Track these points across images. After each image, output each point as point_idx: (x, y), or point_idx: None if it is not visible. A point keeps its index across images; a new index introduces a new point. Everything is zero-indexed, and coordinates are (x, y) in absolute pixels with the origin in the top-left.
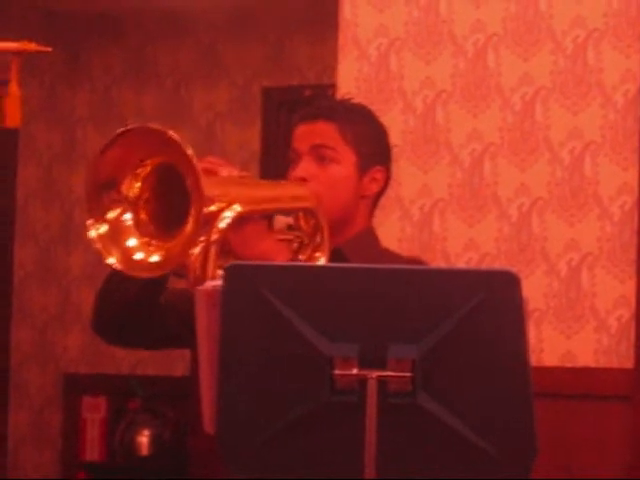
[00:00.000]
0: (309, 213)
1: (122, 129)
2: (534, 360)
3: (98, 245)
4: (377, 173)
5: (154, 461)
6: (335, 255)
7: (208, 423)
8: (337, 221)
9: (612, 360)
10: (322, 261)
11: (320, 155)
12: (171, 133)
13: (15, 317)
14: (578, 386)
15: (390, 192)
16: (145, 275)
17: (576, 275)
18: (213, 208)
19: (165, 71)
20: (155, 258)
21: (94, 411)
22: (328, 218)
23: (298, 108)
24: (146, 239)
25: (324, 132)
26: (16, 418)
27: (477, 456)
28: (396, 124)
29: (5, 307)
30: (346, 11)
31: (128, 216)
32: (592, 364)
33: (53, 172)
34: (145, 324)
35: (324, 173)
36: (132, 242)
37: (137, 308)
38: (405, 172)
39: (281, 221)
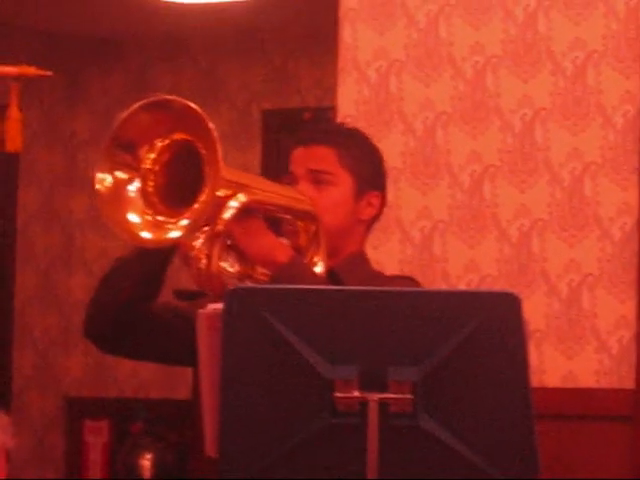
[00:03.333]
0: (309, 218)
1: (158, 97)
2: (535, 381)
3: (102, 207)
4: (373, 198)
5: None
6: (329, 276)
7: (210, 446)
8: (332, 243)
9: (613, 381)
10: (321, 266)
11: (317, 179)
12: (196, 107)
13: (16, 340)
14: (579, 407)
15: (390, 214)
16: (144, 246)
17: (577, 296)
18: (220, 194)
19: (164, 93)
20: (156, 232)
21: (96, 435)
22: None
23: (297, 131)
24: (149, 211)
25: (321, 156)
26: (18, 442)
27: (479, 478)
28: (396, 146)
29: (6, 330)
30: (346, 34)
31: (135, 185)
32: (593, 385)
33: (54, 195)
34: (137, 331)
35: (321, 196)
36: (135, 212)
37: (130, 312)
38: (405, 194)
39: None
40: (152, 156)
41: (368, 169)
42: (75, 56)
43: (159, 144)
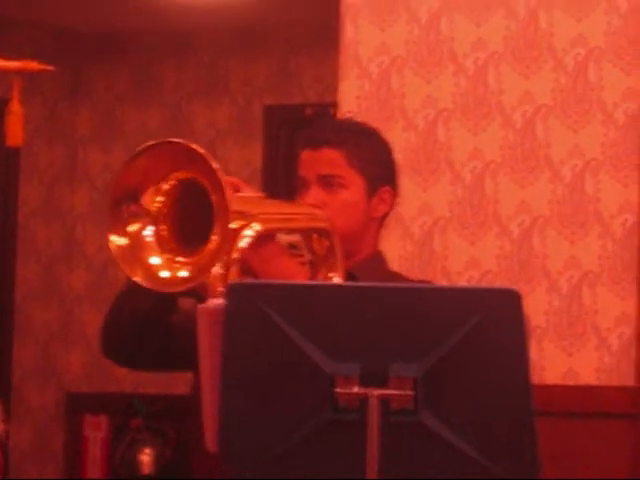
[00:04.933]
0: (324, 234)
1: (150, 143)
2: (535, 378)
3: (121, 263)
4: (385, 194)
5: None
6: (347, 278)
7: (210, 441)
8: (348, 245)
9: (613, 378)
10: (337, 281)
11: (328, 183)
12: (197, 147)
13: (17, 335)
14: (580, 404)
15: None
16: (167, 291)
17: (577, 293)
18: (234, 225)
19: (167, 89)
20: (178, 274)
21: (96, 429)
22: (341, 247)
23: (300, 127)
24: (167, 255)
25: (330, 160)
26: (18, 436)
27: (480, 474)
28: (397, 142)
29: (7, 325)
30: (347, 30)
31: (149, 231)
32: (594, 382)
33: (55, 190)
34: (156, 344)
35: (334, 200)
36: (154, 257)
37: (148, 326)
38: (406, 190)
39: (282, 239)
40: (160, 199)
41: (378, 166)
42: (78, 51)
43: (164, 187)
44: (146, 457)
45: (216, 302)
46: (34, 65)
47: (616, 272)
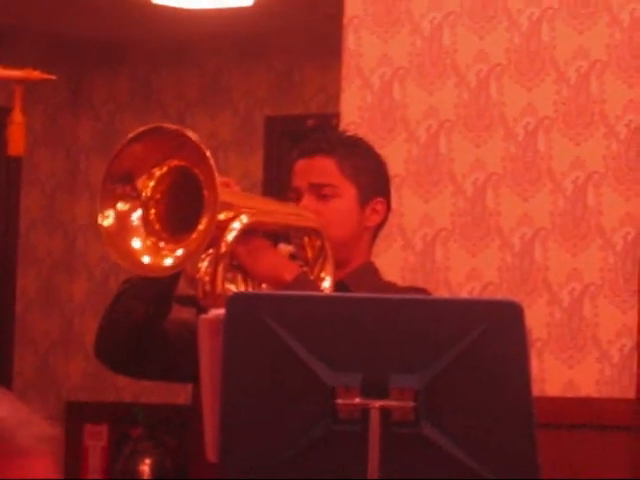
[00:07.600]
0: (314, 234)
1: (147, 127)
2: (536, 390)
3: (107, 243)
4: (378, 204)
5: None
6: (339, 288)
7: (211, 451)
8: (341, 254)
9: (614, 390)
10: (328, 281)
11: (320, 192)
12: (192, 134)
13: (17, 344)
14: (580, 416)
15: (392, 221)
16: (149, 275)
17: (578, 305)
18: (222, 217)
19: (168, 99)
20: (162, 260)
21: (96, 439)
22: (332, 251)
23: (302, 138)
24: (153, 239)
25: (322, 168)
26: None
27: None
28: (399, 153)
29: (7, 334)
30: (350, 41)
31: (137, 214)
32: (594, 394)
33: (56, 199)
34: (149, 350)
35: (326, 208)
36: (139, 241)
37: (142, 330)
38: (408, 201)
39: (283, 249)
40: (152, 184)
41: (370, 176)
42: (78, 60)
43: (157, 172)
44: (146, 467)
45: (217, 312)
46: (36, 74)
47: (617, 285)
